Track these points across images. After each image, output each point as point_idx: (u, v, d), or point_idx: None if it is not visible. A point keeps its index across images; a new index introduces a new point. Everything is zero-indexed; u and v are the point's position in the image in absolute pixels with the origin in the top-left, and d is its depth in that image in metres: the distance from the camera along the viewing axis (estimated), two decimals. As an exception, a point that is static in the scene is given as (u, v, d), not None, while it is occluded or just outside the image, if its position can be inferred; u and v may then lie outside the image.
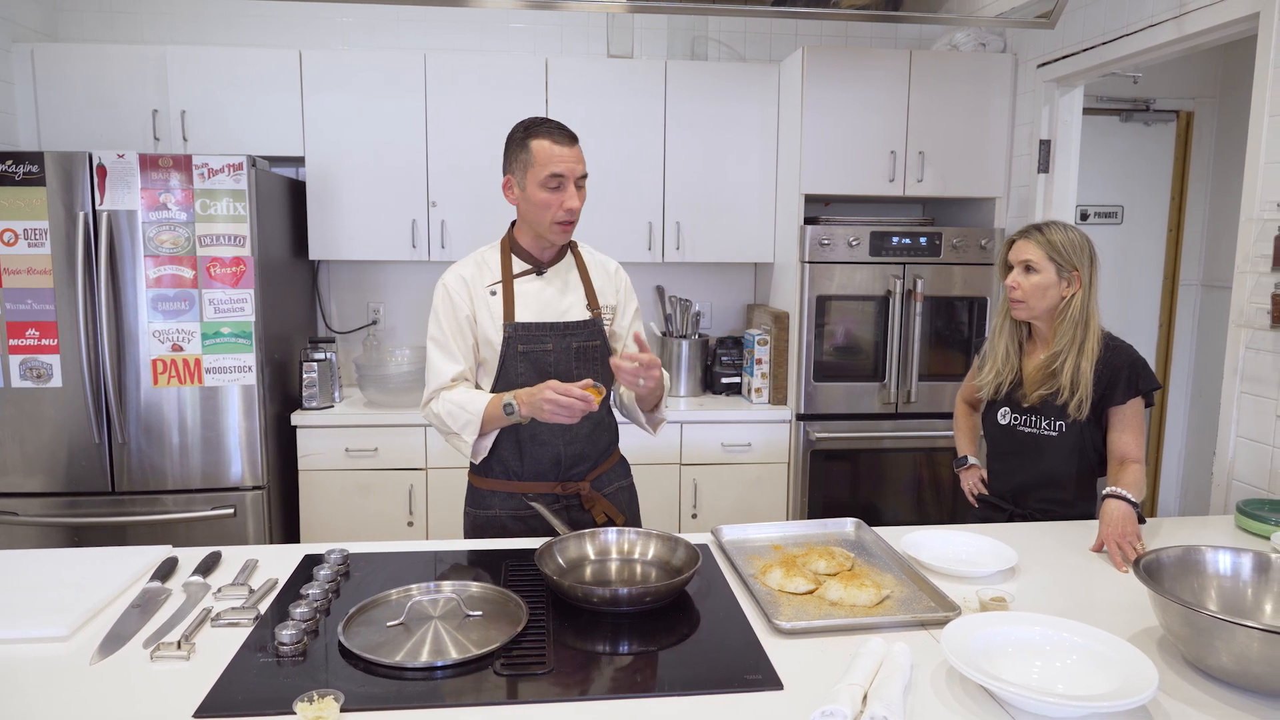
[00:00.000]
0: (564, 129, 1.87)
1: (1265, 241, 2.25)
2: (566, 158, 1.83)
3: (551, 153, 1.82)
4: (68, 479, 2.95)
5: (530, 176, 1.83)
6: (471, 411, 1.83)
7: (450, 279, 1.94)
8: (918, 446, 3.48)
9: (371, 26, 3.72)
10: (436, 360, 1.92)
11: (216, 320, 2.94)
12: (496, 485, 1.97)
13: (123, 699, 1.17)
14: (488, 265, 1.96)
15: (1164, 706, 1.17)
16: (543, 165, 1.82)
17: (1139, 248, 4.20)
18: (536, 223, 1.88)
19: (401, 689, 1.20)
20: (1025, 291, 2.00)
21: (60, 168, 2.81)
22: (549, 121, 1.87)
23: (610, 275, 2.06)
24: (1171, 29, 2.62)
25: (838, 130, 3.37)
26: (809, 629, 1.38)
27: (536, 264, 1.96)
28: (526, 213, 1.89)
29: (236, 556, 1.71)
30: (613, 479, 2.07)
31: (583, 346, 1.95)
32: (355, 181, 3.43)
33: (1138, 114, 4.07)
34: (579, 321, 1.95)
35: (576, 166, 1.86)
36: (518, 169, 1.86)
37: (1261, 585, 1.42)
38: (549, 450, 1.93)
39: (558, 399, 1.69)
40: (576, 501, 1.97)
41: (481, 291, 1.92)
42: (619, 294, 2.07)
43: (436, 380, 1.91)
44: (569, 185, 1.84)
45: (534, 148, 1.83)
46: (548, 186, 1.82)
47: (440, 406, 1.88)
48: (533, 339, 1.90)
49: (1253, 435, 2.32)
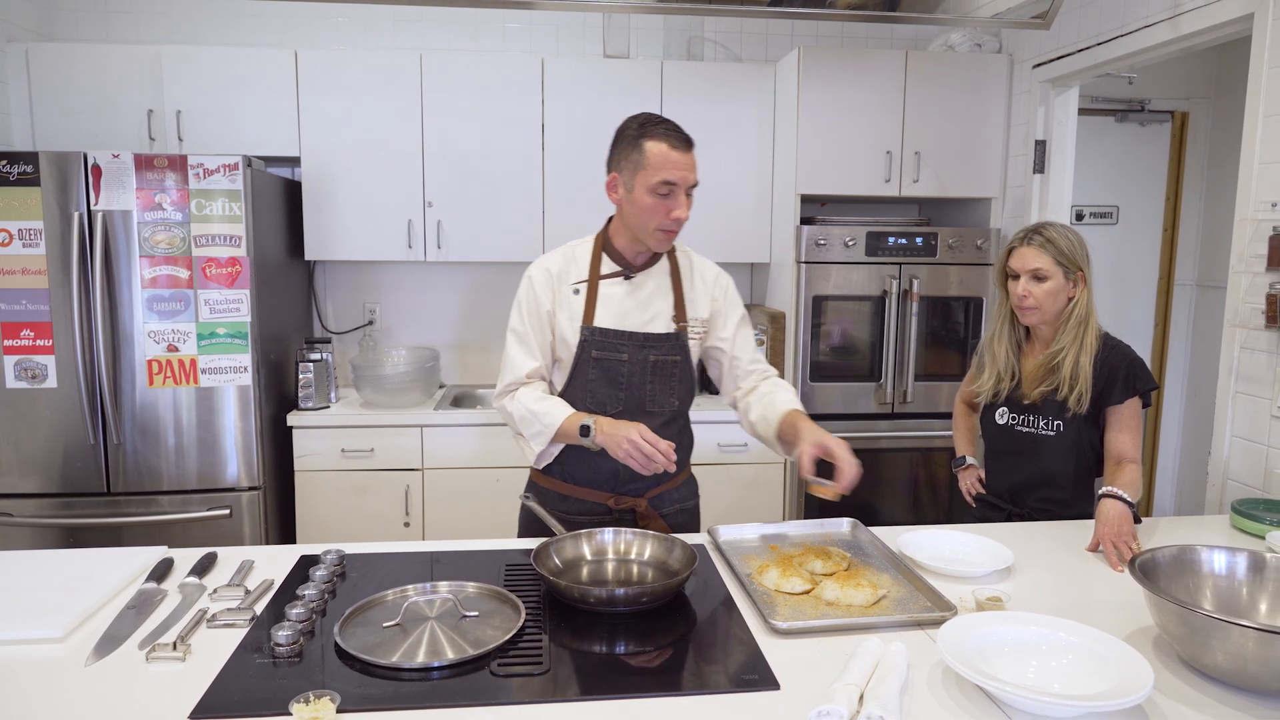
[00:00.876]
0: (680, 132, 1.76)
1: (1260, 241, 2.25)
2: (681, 165, 1.73)
3: (667, 158, 1.71)
4: (63, 480, 2.94)
5: (640, 179, 1.73)
6: (546, 424, 1.77)
7: (536, 271, 1.87)
8: (914, 446, 3.49)
9: (367, 26, 3.71)
10: (514, 353, 1.85)
11: (212, 321, 2.94)
12: (550, 484, 1.92)
13: (118, 700, 1.17)
14: (576, 261, 1.87)
15: (1160, 706, 1.17)
16: (655, 170, 1.71)
17: (1134, 248, 4.22)
18: (639, 227, 1.79)
19: (398, 689, 1.19)
20: (1037, 299, 1.99)
21: (55, 168, 2.80)
22: (665, 122, 1.75)
23: (708, 284, 1.95)
24: (1166, 30, 2.63)
25: (834, 130, 3.38)
26: (805, 629, 1.38)
27: (627, 266, 1.87)
28: (629, 215, 1.80)
29: (232, 557, 1.70)
30: (674, 499, 1.98)
31: (660, 361, 1.86)
32: (351, 182, 3.42)
33: (1133, 114, 4.08)
34: (661, 334, 1.86)
35: (690, 175, 1.75)
36: (626, 169, 1.76)
37: (1256, 585, 1.42)
38: (608, 462, 1.82)
39: (641, 446, 1.63)
40: (630, 517, 1.89)
41: (565, 288, 1.84)
42: (716, 303, 1.95)
43: (512, 374, 1.84)
44: (680, 194, 1.74)
45: (648, 150, 1.72)
46: (657, 193, 1.72)
47: (514, 408, 1.82)
48: (609, 346, 1.82)
49: (1248, 435, 2.33)
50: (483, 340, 3.91)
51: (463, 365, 3.91)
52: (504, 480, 3.31)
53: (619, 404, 1.84)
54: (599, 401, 1.84)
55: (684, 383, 1.89)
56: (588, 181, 3.51)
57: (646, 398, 1.86)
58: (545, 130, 3.48)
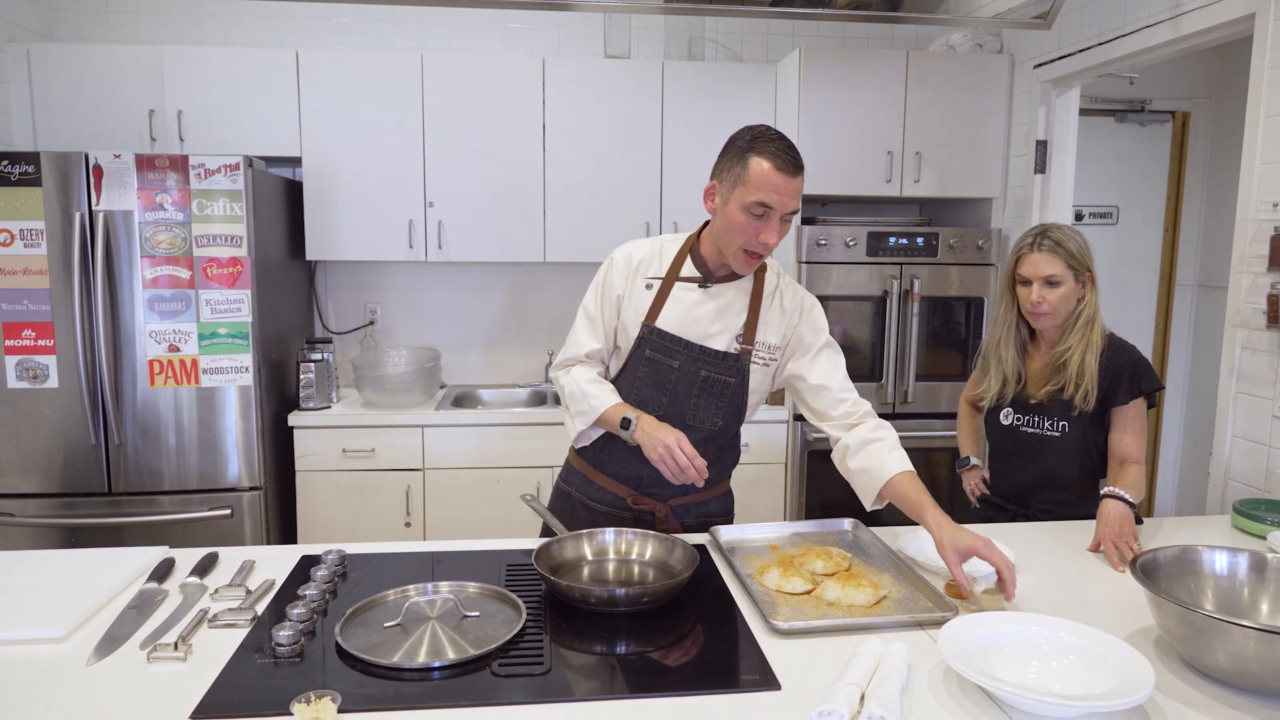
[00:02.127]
0: (792, 154, 1.65)
1: (1261, 242, 2.25)
2: (782, 189, 1.63)
3: (767, 179, 1.62)
4: (64, 480, 2.94)
5: (736, 194, 1.66)
6: (593, 406, 1.77)
7: (619, 255, 1.85)
8: (915, 446, 3.45)
9: (368, 27, 3.71)
10: (580, 330, 1.86)
11: (213, 321, 2.94)
12: (582, 467, 1.93)
13: (119, 700, 1.17)
14: (662, 256, 1.84)
15: (1161, 706, 1.17)
16: (754, 189, 1.63)
17: (1135, 248, 4.21)
18: (725, 242, 1.73)
19: (399, 690, 1.19)
20: (1052, 304, 1.98)
21: (56, 168, 2.81)
22: (780, 140, 1.65)
23: (787, 311, 1.84)
24: (1167, 30, 2.63)
25: (835, 131, 3.38)
26: (806, 629, 1.38)
27: (707, 275, 1.81)
28: (719, 228, 1.74)
29: (233, 557, 1.70)
30: (703, 511, 1.93)
31: (712, 378, 1.78)
32: (352, 182, 3.42)
33: (1133, 114, 4.08)
34: (719, 351, 1.78)
35: (790, 201, 1.65)
36: (727, 181, 1.69)
37: (1258, 585, 1.42)
38: (638, 460, 1.78)
39: (676, 455, 1.61)
40: (650, 519, 1.87)
41: (640, 280, 1.82)
42: (794, 329, 1.84)
43: (574, 349, 1.85)
44: (774, 218, 1.65)
45: (752, 166, 1.64)
46: (751, 212, 1.64)
47: (568, 382, 1.82)
48: (663, 349, 1.78)
49: (1249, 435, 2.32)
50: (484, 340, 3.91)
51: (464, 365, 3.92)
52: (505, 480, 3.31)
53: (660, 409, 1.79)
54: (642, 401, 1.81)
55: (734, 405, 1.82)
56: (589, 181, 3.52)
57: (689, 411, 1.81)
58: (546, 130, 3.48)
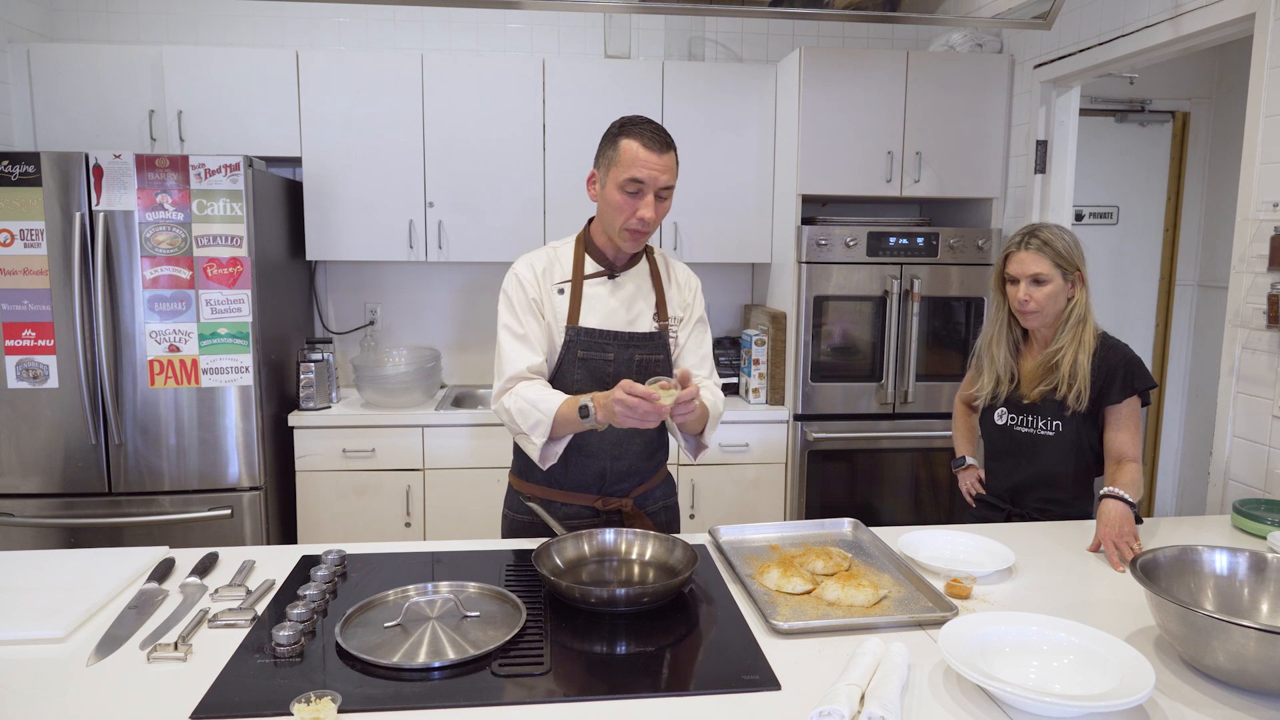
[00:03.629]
0: (659, 134, 1.75)
1: (1261, 242, 2.25)
2: (651, 164, 1.72)
3: (636, 156, 1.72)
4: (64, 480, 2.94)
5: (611, 176, 1.75)
6: (543, 411, 1.72)
7: (521, 269, 1.86)
8: (915, 446, 3.49)
9: (368, 27, 3.71)
10: (510, 349, 1.81)
11: (213, 321, 2.94)
12: (536, 490, 1.92)
13: (119, 700, 1.17)
14: (559, 261, 1.87)
15: (1161, 706, 1.17)
16: (625, 167, 1.73)
17: (1135, 248, 4.21)
18: (608, 223, 1.80)
19: (399, 690, 1.19)
20: (1039, 303, 1.99)
21: (56, 168, 2.81)
22: (647, 124, 1.76)
23: (681, 286, 1.97)
24: (1167, 30, 2.63)
25: (835, 131, 3.37)
26: (806, 629, 1.38)
27: (609, 267, 1.88)
28: (602, 212, 1.82)
29: (233, 557, 1.70)
30: (658, 497, 2.00)
31: (645, 360, 1.86)
32: (352, 182, 3.42)
33: (1133, 115, 4.08)
34: (645, 333, 1.87)
35: (660, 176, 1.73)
36: (603, 165, 1.79)
37: (1258, 585, 1.42)
38: (595, 463, 1.86)
39: (625, 399, 1.57)
40: (618, 518, 1.90)
41: (549, 288, 1.84)
42: (686, 305, 1.97)
43: (510, 368, 1.80)
44: (647, 193, 1.74)
45: (622, 147, 1.74)
46: (625, 190, 1.73)
47: (512, 402, 1.77)
48: (595, 346, 1.83)
49: (1249, 435, 2.33)
50: (484, 340, 3.91)
51: (464, 365, 3.92)
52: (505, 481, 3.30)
53: None
54: None
55: None
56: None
57: None
58: (546, 130, 3.48)
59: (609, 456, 1.87)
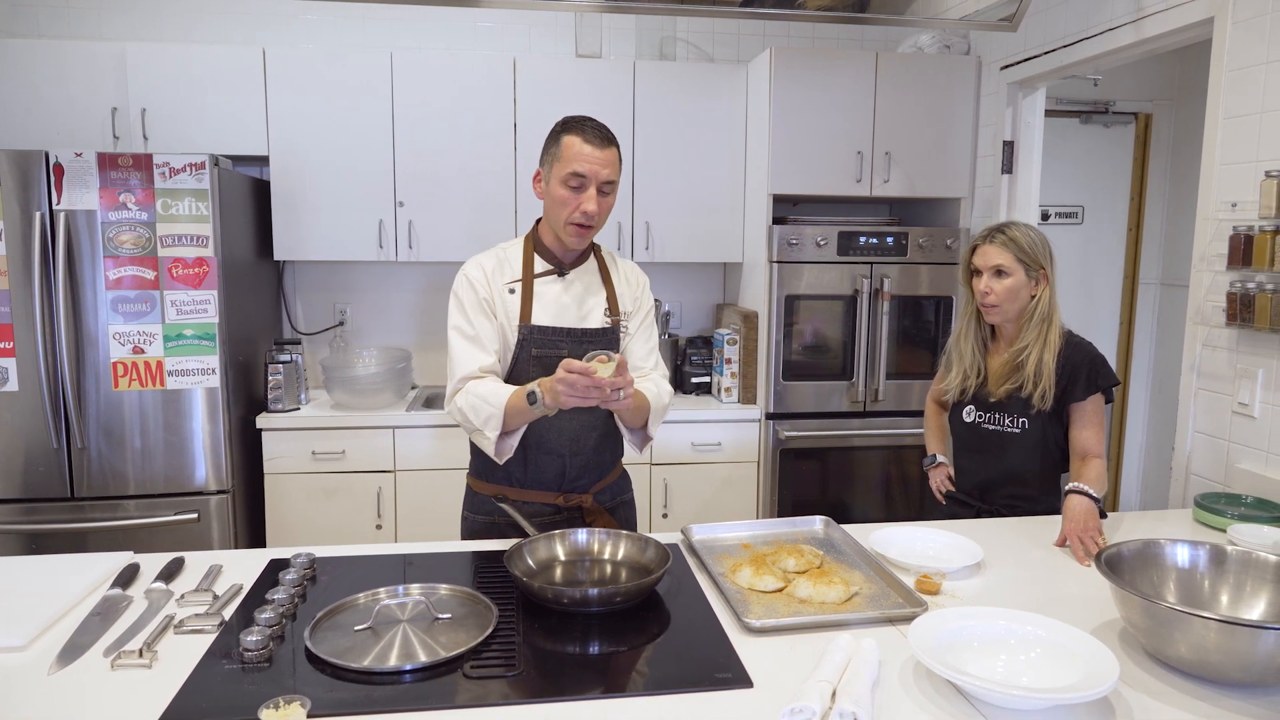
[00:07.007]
0: (600, 131, 1.80)
1: (1220, 241, 2.30)
2: (592, 159, 1.76)
3: (578, 151, 1.76)
4: (25, 485, 2.88)
5: (555, 172, 1.79)
6: (493, 405, 1.74)
7: (471, 270, 1.87)
8: (885, 444, 3.52)
9: (337, 25, 3.68)
10: (461, 351, 1.83)
11: (179, 322, 2.89)
12: (492, 490, 1.92)
13: (82, 710, 1.15)
14: (509, 261, 1.89)
15: (1125, 697, 1.19)
16: (567, 162, 1.76)
17: (1099, 247, 4.28)
18: (554, 219, 1.83)
19: (369, 694, 1.18)
20: (999, 295, 2.02)
21: (16, 166, 2.75)
22: (589, 121, 1.80)
23: (631, 282, 2.00)
24: (1130, 32, 2.67)
25: (805, 131, 3.40)
26: (778, 627, 1.39)
27: (558, 264, 1.90)
28: (548, 209, 1.85)
29: (200, 562, 1.68)
30: (616, 493, 2.02)
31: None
32: (321, 181, 3.39)
33: (1097, 116, 4.15)
34: (597, 329, 1.89)
35: (602, 170, 1.77)
36: (547, 162, 1.82)
37: (1218, 577, 1.45)
38: (554, 460, 1.88)
39: (565, 377, 1.59)
40: (578, 515, 1.91)
41: (500, 287, 1.86)
42: (636, 300, 1.99)
43: (462, 369, 1.81)
44: (590, 187, 1.77)
45: (564, 143, 1.77)
46: (568, 185, 1.77)
47: (464, 400, 1.79)
48: (548, 344, 1.85)
49: (1209, 430, 2.37)
50: (455, 341, 3.88)
51: (435, 366, 3.89)
52: (477, 481, 3.29)
53: None
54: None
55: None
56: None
57: None
58: (518, 130, 3.47)
59: (567, 452, 1.88)
